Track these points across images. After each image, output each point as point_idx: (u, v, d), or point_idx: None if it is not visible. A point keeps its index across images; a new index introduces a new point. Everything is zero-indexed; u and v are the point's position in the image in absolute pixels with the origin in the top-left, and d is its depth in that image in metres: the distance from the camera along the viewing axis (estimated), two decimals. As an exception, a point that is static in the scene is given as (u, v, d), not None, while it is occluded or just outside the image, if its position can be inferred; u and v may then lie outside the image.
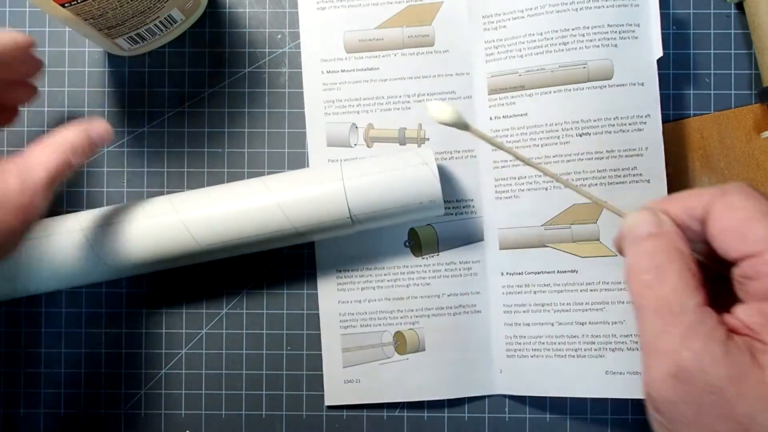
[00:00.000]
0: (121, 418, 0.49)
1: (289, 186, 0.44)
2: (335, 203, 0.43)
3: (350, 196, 0.43)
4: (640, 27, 0.47)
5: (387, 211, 0.43)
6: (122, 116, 0.50)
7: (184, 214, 0.43)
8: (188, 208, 0.44)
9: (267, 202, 0.43)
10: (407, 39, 0.49)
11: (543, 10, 0.47)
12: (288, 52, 0.50)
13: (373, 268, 0.48)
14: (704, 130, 0.49)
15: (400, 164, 0.43)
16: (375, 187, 0.43)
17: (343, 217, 0.43)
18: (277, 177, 0.45)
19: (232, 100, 0.50)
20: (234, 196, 0.44)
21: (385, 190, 0.43)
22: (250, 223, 0.43)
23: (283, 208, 0.43)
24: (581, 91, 0.47)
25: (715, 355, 0.24)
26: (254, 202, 0.43)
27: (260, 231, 0.43)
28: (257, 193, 0.44)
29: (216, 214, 0.43)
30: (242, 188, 0.44)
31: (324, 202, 0.43)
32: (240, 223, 0.43)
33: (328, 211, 0.43)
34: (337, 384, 0.48)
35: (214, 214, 0.43)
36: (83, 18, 0.42)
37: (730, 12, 0.50)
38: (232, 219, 0.43)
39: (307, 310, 0.49)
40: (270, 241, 0.44)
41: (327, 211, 0.43)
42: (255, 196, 0.43)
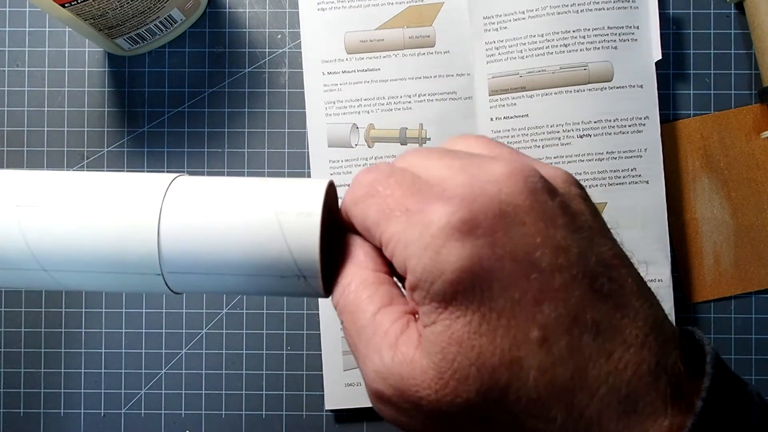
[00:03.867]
0: (121, 418, 0.49)
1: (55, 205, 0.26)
2: (136, 250, 0.25)
3: (166, 246, 0.25)
4: (640, 29, 0.47)
5: (223, 276, 0.25)
6: (122, 116, 0.50)
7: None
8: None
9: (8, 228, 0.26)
10: (408, 40, 0.49)
11: (544, 12, 0.47)
12: (288, 52, 0.50)
13: (373, 269, 0.48)
14: (704, 130, 0.49)
15: (261, 201, 0.25)
16: (207, 235, 0.25)
17: (148, 271, 0.26)
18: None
19: (232, 100, 0.50)
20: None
21: (223, 245, 0.25)
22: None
23: (28, 238, 0.26)
24: (582, 92, 0.47)
25: (386, 365, 0.22)
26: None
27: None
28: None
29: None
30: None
31: (116, 242, 0.25)
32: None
33: (120, 258, 0.25)
34: (337, 387, 0.48)
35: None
36: (83, 18, 0.42)
37: (730, 12, 0.50)
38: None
39: (307, 310, 0.49)
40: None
41: (118, 258, 0.25)
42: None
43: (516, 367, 0.21)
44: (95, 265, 0.25)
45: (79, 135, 0.50)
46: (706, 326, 0.49)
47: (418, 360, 0.22)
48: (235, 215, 0.25)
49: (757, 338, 0.49)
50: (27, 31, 0.50)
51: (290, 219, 0.24)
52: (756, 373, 0.49)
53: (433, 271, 0.21)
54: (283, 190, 0.25)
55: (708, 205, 0.49)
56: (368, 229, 0.24)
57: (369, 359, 0.23)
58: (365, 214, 0.24)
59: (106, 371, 0.49)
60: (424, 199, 0.22)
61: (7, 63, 0.50)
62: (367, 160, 0.48)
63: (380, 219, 0.23)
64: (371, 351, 0.23)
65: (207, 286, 0.26)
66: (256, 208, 0.25)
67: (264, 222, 0.24)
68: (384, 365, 0.22)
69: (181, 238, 0.25)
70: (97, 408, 0.49)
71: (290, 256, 0.24)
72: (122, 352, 0.49)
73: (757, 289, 0.49)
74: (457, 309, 0.21)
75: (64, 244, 0.25)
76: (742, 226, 0.49)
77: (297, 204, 0.25)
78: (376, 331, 0.23)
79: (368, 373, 0.23)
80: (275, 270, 0.25)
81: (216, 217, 0.25)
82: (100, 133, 0.50)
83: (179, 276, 0.25)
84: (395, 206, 0.23)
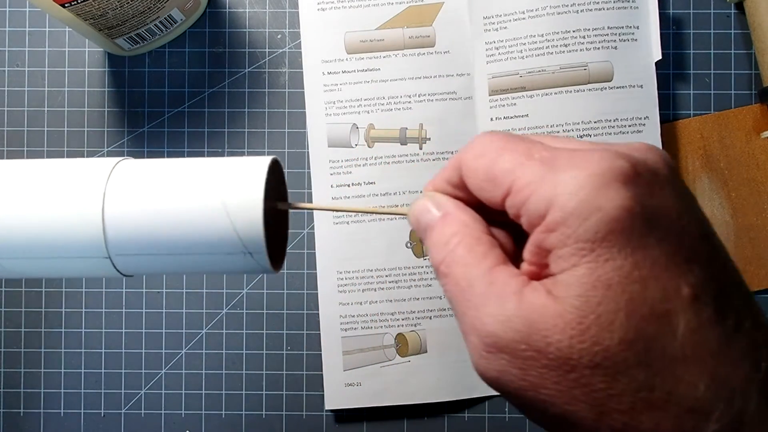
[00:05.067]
0: (121, 418, 0.49)
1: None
2: (82, 234, 0.25)
3: (112, 229, 0.25)
4: (640, 29, 0.47)
5: (171, 257, 0.26)
6: (122, 116, 0.50)
7: None
8: None
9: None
10: (408, 40, 0.49)
11: (544, 12, 0.47)
12: (288, 52, 0.50)
13: (374, 270, 0.48)
14: (704, 130, 0.49)
15: (206, 181, 0.26)
16: (152, 216, 0.25)
17: (95, 255, 0.26)
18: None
19: (232, 100, 0.50)
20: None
21: (169, 225, 0.25)
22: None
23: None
24: (582, 92, 0.47)
25: (508, 309, 0.21)
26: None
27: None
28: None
29: None
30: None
31: (64, 228, 0.26)
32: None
33: (68, 243, 0.26)
34: (337, 387, 0.48)
35: None
36: (83, 18, 0.42)
37: (730, 12, 0.50)
38: None
39: (307, 310, 0.49)
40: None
41: (67, 244, 0.26)
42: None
43: (665, 321, 0.20)
44: (43, 250, 0.25)
45: (79, 135, 0.50)
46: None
47: (551, 305, 0.21)
48: (180, 196, 0.25)
49: (757, 338, 0.49)
50: (27, 31, 0.50)
51: (234, 199, 0.25)
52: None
53: (590, 207, 0.20)
54: (227, 170, 0.26)
55: (708, 205, 0.49)
56: (494, 179, 0.23)
57: (485, 307, 0.22)
58: (493, 164, 0.23)
59: (106, 371, 0.49)
60: (569, 153, 0.22)
61: (7, 63, 0.50)
62: (367, 160, 0.48)
63: (514, 167, 0.23)
64: (490, 299, 0.22)
65: (156, 267, 0.26)
66: (201, 189, 0.25)
67: (209, 203, 0.25)
68: (506, 310, 0.22)
69: (126, 220, 0.25)
70: (97, 408, 0.49)
71: (235, 234, 0.24)
72: (122, 352, 0.49)
73: (757, 289, 0.49)
74: (607, 252, 0.20)
75: (10, 231, 0.25)
76: (742, 226, 0.49)
77: (240, 184, 0.25)
78: (494, 281, 0.22)
79: (482, 319, 0.22)
80: (222, 248, 0.25)
81: (161, 199, 0.25)
82: (100, 133, 0.50)
83: (127, 258, 0.26)
84: (533, 155, 0.23)
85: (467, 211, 0.25)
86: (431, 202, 0.26)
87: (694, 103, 0.50)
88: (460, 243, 0.24)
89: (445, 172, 0.26)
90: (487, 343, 0.22)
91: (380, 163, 0.48)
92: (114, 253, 0.26)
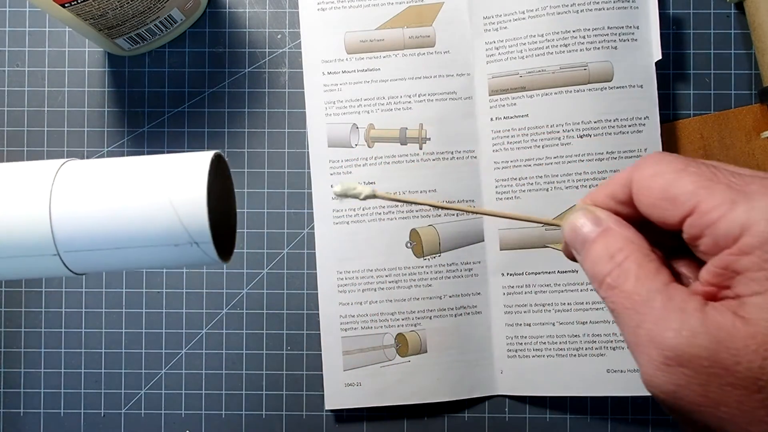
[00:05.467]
0: (121, 418, 0.49)
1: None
2: (31, 232, 0.26)
3: (59, 225, 0.26)
4: (640, 30, 0.47)
5: (118, 251, 0.26)
6: (122, 116, 0.50)
7: None
8: None
9: None
10: (408, 40, 0.49)
11: (544, 12, 0.47)
12: (288, 52, 0.50)
13: (374, 270, 0.48)
14: (704, 130, 0.49)
15: (150, 173, 0.27)
16: (99, 211, 0.26)
17: (44, 253, 0.27)
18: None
19: (232, 100, 0.50)
20: None
21: (115, 218, 0.26)
22: None
23: None
24: (582, 92, 0.47)
25: (694, 326, 0.22)
26: None
27: None
28: None
29: None
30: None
31: (12, 226, 0.26)
32: None
33: (18, 242, 0.26)
34: (337, 387, 0.48)
35: None
36: (83, 18, 0.42)
37: (730, 12, 0.50)
38: None
39: (307, 310, 0.49)
40: None
41: (16, 242, 0.26)
42: None
43: None
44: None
45: (79, 135, 0.50)
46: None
47: (740, 325, 0.21)
48: (125, 190, 0.26)
49: (757, 338, 0.49)
50: (27, 31, 0.50)
51: (179, 194, 0.25)
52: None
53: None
54: (172, 164, 0.26)
55: (708, 205, 0.49)
56: (673, 199, 0.24)
57: (666, 321, 0.23)
58: (672, 184, 0.24)
59: (106, 371, 0.49)
60: (761, 181, 0.23)
61: (7, 63, 0.50)
62: (367, 160, 0.48)
63: (698, 188, 0.23)
64: (671, 313, 0.23)
65: (105, 263, 0.26)
66: (146, 182, 0.26)
67: (153, 194, 0.25)
68: (691, 326, 0.22)
69: (73, 216, 0.25)
70: (97, 408, 0.49)
71: (181, 225, 0.25)
72: (122, 352, 0.49)
73: (757, 289, 0.49)
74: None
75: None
76: (742, 226, 0.49)
77: (185, 176, 0.25)
78: (672, 297, 0.23)
79: (663, 333, 0.23)
80: (168, 239, 0.25)
81: (107, 194, 0.26)
82: (100, 133, 0.50)
83: (76, 255, 0.26)
84: (719, 179, 0.23)
85: (629, 227, 0.26)
86: (590, 216, 0.27)
87: (694, 103, 0.50)
88: (629, 258, 0.25)
89: (608, 187, 0.27)
90: (668, 356, 0.23)
91: (380, 163, 0.48)
92: (63, 250, 0.26)
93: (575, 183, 0.47)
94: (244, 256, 0.49)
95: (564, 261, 0.47)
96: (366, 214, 0.48)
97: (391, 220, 0.48)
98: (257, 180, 0.50)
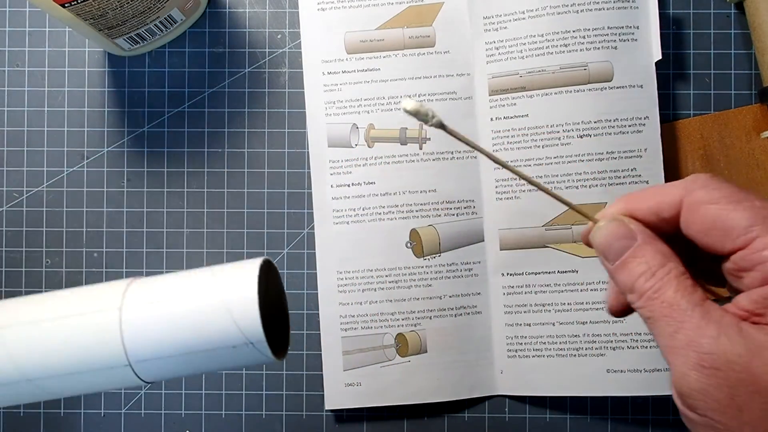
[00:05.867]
0: (121, 418, 0.49)
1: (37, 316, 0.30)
2: (104, 345, 0.29)
3: (129, 336, 0.29)
4: (640, 29, 0.47)
5: (183, 356, 0.29)
6: (122, 116, 0.50)
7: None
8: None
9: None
10: (408, 40, 0.49)
11: (544, 12, 0.47)
12: (288, 52, 0.50)
13: (374, 270, 0.48)
14: (704, 130, 0.49)
15: (207, 284, 0.29)
16: (164, 320, 0.29)
17: (117, 364, 0.29)
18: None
19: (232, 100, 0.50)
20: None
21: (179, 326, 0.29)
22: None
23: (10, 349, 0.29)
24: (581, 92, 0.47)
25: (731, 336, 0.24)
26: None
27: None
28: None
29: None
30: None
31: (86, 342, 0.29)
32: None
33: (92, 356, 0.29)
34: (337, 387, 0.48)
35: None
36: (83, 18, 0.42)
37: (730, 12, 0.50)
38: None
39: (307, 310, 0.49)
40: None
41: (90, 357, 0.29)
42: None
43: None
44: (72, 367, 0.29)
45: (79, 135, 0.50)
46: (706, 326, 0.49)
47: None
48: (186, 301, 0.29)
49: (757, 338, 0.49)
50: (27, 31, 0.50)
51: (233, 299, 0.28)
52: (756, 373, 0.49)
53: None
54: (226, 276, 0.29)
55: (708, 205, 0.49)
56: (727, 231, 0.26)
57: (704, 329, 0.25)
58: (726, 215, 0.26)
59: (106, 371, 0.49)
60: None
61: (7, 63, 0.50)
62: (366, 160, 0.48)
63: (753, 224, 0.25)
64: (710, 323, 0.25)
65: (173, 369, 0.29)
66: (204, 295, 0.29)
67: (212, 306, 0.28)
68: (729, 335, 0.24)
69: (142, 329, 0.28)
70: (97, 408, 0.49)
71: (236, 327, 0.28)
72: (122, 352, 0.49)
73: (757, 289, 0.49)
74: None
75: (41, 353, 0.29)
76: (742, 226, 0.49)
77: (237, 286, 0.28)
78: (709, 311, 0.25)
79: (701, 339, 0.25)
80: (227, 342, 0.28)
81: (170, 306, 0.29)
82: (100, 133, 0.50)
83: (145, 363, 0.29)
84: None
85: (663, 243, 0.28)
86: (625, 228, 0.28)
87: (694, 103, 0.50)
88: (669, 273, 0.27)
89: (653, 201, 0.28)
90: (704, 358, 0.25)
91: (380, 163, 0.48)
92: (134, 360, 0.29)
93: (575, 183, 0.47)
94: (244, 257, 0.49)
95: (564, 261, 0.47)
96: (366, 214, 0.48)
97: (391, 220, 0.48)
98: (257, 180, 0.50)
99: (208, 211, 0.50)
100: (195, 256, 0.50)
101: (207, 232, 0.50)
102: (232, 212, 0.50)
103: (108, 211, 0.50)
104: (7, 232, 0.50)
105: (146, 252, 0.50)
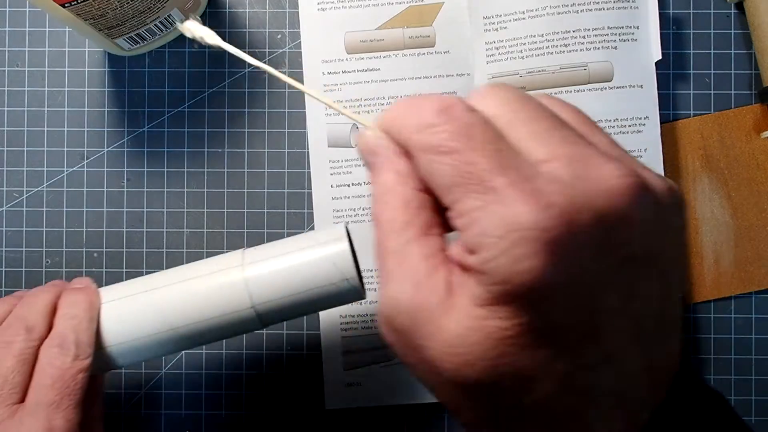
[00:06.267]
0: (121, 418, 0.49)
1: (180, 277, 0.38)
2: (233, 294, 0.37)
3: (252, 284, 0.37)
4: (640, 29, 0.47)
5: (296, 296, 0.36)
6: (122, 116, 0.50)
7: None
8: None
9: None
10: (408, 40, 0.49)
11: (544, 12, 0.47)
12: (288, 52, 0.50)
13: (373, 270, 0.48)
14: (704, 130, 0.49)
15: (307, 243, 0.37)
16: (279, 270, 0.37)
17: (243, 308, 0.37)
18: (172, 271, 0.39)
19: (232, 100, 0.50)
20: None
21: (292, 272, 0.36)
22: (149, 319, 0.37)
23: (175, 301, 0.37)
24: (581, 92, 0.47)
25: (403, 297, 0.22)
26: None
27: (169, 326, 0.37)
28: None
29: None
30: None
31: (219, 293, 0.37)
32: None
33: (223, 303, 0.37)
34: (337, 387, 0.48)
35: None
36: (83, 18, 0.42)
37: (730, 12, 0.50)
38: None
39: (308, 310, 0.49)
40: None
41: (222, 304, 0.37)
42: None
43: (524, 385, 0.21)
44: (208, 313, 0.37)
45: (79, 135, 0.50)
46: (706, 326, 0.49)
47: (437, 315, 0.22)
48: (294, 255, 0.37)
49: (757, 338, 0.49)
50: (27, 31, 0.50)
51: (332, 249, 0.36)
52: (756, 374, 0.49)
53: (502, 277, 0.20)
54: (322, 234, 0.37)
55: (708, 205, 0.49)
56: (436, 188, 0.22)
57: (388, 285, 0.23)
58: (433, 170, 0.22)
59: (106, 371, 0.49)
60: (513, 184, 0.20)
61: (7, 63, 0.50)
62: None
63: (454, 186, 0.21)
64: (394, 279, 0.23)
65: (286, 310, 0.37)
66: (307, 248, 0.37)
67: (315, 254, 0.36)
68: (401, 300, 0.22)
69: (261, 279, 0.36)
70: (97, 408, 0.49)
71: (335, 268, 0.36)
72: (122, 352, 0.49)
73: (757, 289, 0.49)
74: (503, 311, 0.20)
75: (184, 305, 0.37)
76: (742, 226, 0.49)
77: (334, 238, 0.37)
78: (402, 262, 0.23)
79: (384, 295, 0.23)
80: (328, 281, 0.36)
81: (283, 260, 0.37)
82: (100, 133, 0.50)
83: (266, 305, 0.36)
84: (475, 178, 0.21)
85: (405, 162, 0.24)
86: (374, 144, 0.24)
87: (694, 103, 0.50)
88: (389, 203, 0.23)
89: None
90: (383, 317, 0.24)
91: (380, 163, 0.48)
92: (257, 302, 0.36)
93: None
94: (244, 256, 0.49)
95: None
96: (366, 214, 0.48)
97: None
98: (257, 180, 0.50)
99: (208, 211, 0.50)
100: (195, 256, 0.50)
101: (207, 232, 0.50)
102: (232, 212, 0.50)
103: (108, 211, 0.50)
104: (7, 232, 0.50)
105: (146, 252, 0.50)
